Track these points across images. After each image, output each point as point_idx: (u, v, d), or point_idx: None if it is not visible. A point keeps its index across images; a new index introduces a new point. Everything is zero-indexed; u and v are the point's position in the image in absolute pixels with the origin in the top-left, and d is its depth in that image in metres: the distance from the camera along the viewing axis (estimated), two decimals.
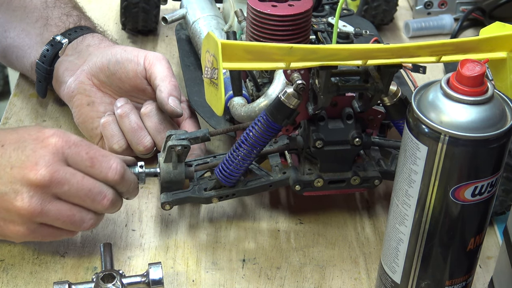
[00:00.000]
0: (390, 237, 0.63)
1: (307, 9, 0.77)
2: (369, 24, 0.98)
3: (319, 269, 0.73)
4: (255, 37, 0.78)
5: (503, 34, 0.65)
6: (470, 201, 0.58)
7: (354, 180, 0.73)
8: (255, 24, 0.78)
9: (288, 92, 0.67)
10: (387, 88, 0.68)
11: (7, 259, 0.72)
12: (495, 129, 0.55)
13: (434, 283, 0.63)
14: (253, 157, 0.71)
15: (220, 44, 0.60)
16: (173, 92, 0.79)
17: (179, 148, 0.72)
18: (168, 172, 0.73)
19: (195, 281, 0.71)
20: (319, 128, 0.71)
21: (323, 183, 0.73)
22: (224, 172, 0.71)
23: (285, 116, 0.68)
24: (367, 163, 0.74)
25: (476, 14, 1.09)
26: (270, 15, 0.76)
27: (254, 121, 0.69)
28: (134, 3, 1.00)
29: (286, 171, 0.74)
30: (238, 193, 0.74)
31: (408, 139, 0.58)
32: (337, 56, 0.64)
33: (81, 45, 0.85)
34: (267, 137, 0.69)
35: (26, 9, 0.90)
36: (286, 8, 0.77)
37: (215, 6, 0.94)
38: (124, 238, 0.75)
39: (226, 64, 0.62)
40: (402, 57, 0.65)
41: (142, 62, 0.81)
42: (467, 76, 0.55)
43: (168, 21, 0.93)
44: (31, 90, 0.94)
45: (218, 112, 0.64)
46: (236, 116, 0.78)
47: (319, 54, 0.64)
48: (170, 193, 0.73)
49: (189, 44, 0.94)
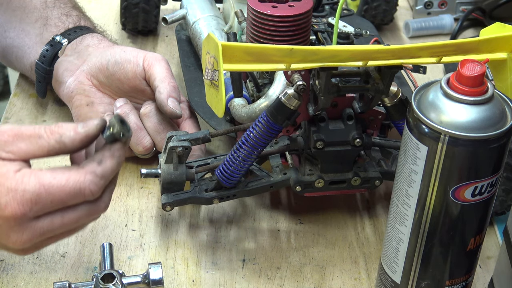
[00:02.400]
0: (390, 237, 0.63)
1: (307, 9, 0.77)
2: (369, 24, 0.98)
3: (319, 269, 0.73)
4: (256, 38, 0.78)
5: (503, 35, 0.65)
6: (470, 201, 0.58)
7: (355, 181, 0.73)
8: (255, 25, 0.78)
9: (289, 93, 0.67)
10: (388, 89, 0.68)
11: (7, 259, 0.72)
12: (495, 129, 0.55)
13: (434, 283, 0.63)
14: (254, 158, 0.71)
15: (220, 45, 0.60)
16: (172, 93, 0.79)
17: (180, 149, 0.72)
18: (169, 173, 0.73)
19: (195, 281, 0.71)
20: (319, 129, 0.71)
21: (324, 183, 0.73)
22: (225, 173, 0.71)
23: (285, 117, 0.68)
24: (368, 164, 0.74)
25: (476, 14, 1.09)
26: (270, 16, 0.76)
27: (254, 122, 0.69)
28: (134, 4, 1.00)
29: (287, 172, 0.74)
30: (239, 194, 0.73)
31: (408, 139, 0.58)
32: (338, 57, 0.64)
33: (81, 45, 0.85)
34: (268, 138, 0.69)
35: (25, 9, 0.90)
36: (286, 9, 0.77)
37: (215, 7, 0.94)
38: (124, 238, 0.75)
39: (227, 65, 0.62)
40: (402, 58, 0.65)
41: (141, 63, 0.81)
42: (467, 76, 0.55)
43: (168, 22, 0.93)
44: (31, 90, 0.94)
45: (219, 113, 0.64)
46: (236, 117, 0.78)
47: (319, 56, 0.64)
48: (171, 194, 0.73)
49: (189, 44, 0.94)
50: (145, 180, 0.82)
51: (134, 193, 0.80)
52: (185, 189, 0.73)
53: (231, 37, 0.79)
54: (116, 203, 0.79)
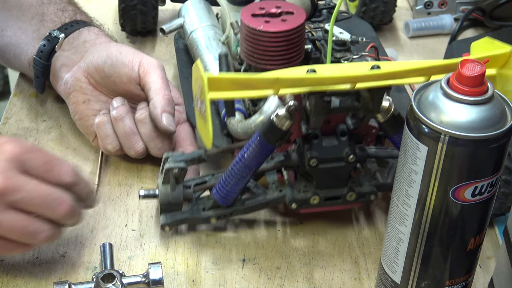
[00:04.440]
0: (390, 237, 0.63)
1: (300, 23, 0.77)
2: (367, 26, 0.98)
3: (319, 269, 0.73)
4: (249, 52, 0.78)
5: (493, 53, 0.65)
6: (470, 201, 0.58)
7: (350, 196, 0.74)
8: (248, 40, 0.77)
9: (280, 115, 0.67)
10: (378, 108, 0.69)
11: (7, 259, 0.72)
12: (495, 129, 0.55)
13: (434, 283, 0.63)
14: (249, 177, 0.72)
15: (206, 79, 0.60)
16: (167, 107, 0.78)
17: (176, 170, 0.73)
18: (167, 194, 0.74)
19: (195, 281, 0.71)
20: (313, 146, 0.71)
21: (319, 200, 0.73)
22: (221, 192, 0.72)
23: (277, 137, 0.68)
24: (363, 178, 0.75)
25: (476, 14, 1.09)
26: (263, 32, 0.76)
27: (248, 142, 0.70)
28: (131, 6, 0.99)
29: (283, 189, 0.74)
30: (235, 212, 0.74)
31: (408, 139, 0.58)
32: (325, 83, 0.65)
33: (78, 41, 0.85)
34: (262, 158, 0.70)
35: (21, 7, 0.90)
36: (279, 23, 0.76)
37: (213, 15, 0.94)
38: (124, 238, 0.75)
39: (214, 94, 0.62)
40: (390, 79, 0.66)
41: (136, 69, 0.80)
42: (467, 76, 0.55)
43: (166, 32, 0.93)
44: (31, 89, 0.94)
45: (208, 145, 0.64)
46: (233, 132, 0.79)
47: (306, 83, 0.64)
48: (169, 214, 0.74)
49: (187, 54, 0.93)
50: (145, 180, 0.82)
51: (134, 193, 0.80)
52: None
53: (222, 60, 0.78)
54: (116, 203, 0.79)
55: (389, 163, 0.77)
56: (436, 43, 1.07)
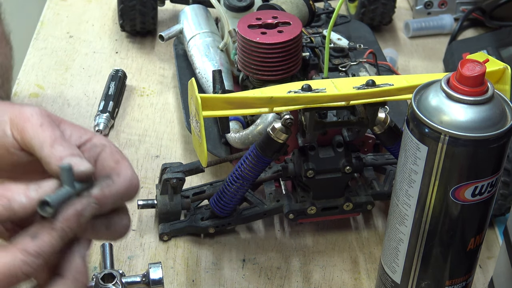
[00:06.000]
0: (390, 237, 0.63)
1: (296, 34, 0.77)
2: (366, 28, 0.98)
3: (319, 269, 0.73)
4: (246, 63, 0.78)
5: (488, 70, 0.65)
6: (470, 201, 0.58)
7: (347, 206, 0.74)
8: (244, 51, 0.77)
9: (276, 128, 0.67)
10: (373, 122, 0.69)
11: None
12: (495, 129, 0.55)
13: (434, 283, 0.63)
14: (246, 188, 0.72)
15: (199, 99, 0.60)
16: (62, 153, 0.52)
17: (174, 180, 0.73)
18: (165, 204, 0.74)
19: (195, 281, 0.71)
20: (309, 157, 0.71)
21: (316, 210, 0.73)
22: (219, 203, 0.73)
23: (274, 150, 0.69)
24: (360, 187, 0.75)
25: (476, 14, 1.09)
26: (259, 43, 0.76)
27: (245, 154, 0.70)
28: (130, 6, 0.99)
29: (280, 199, 0.74)
30: (233, 222, 0.75)
31: (408, 139, 0.58)
32: (318, 101, 0.65)
33: None
34: (259, 170, 0.71)
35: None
36: (276, 35, 0.77)
37: (212, 21, 0.94)
38: (124, 238, 0.75)
39: (208, 112, 0.62)
40: (383, 97, 0.66)
41: (8, 132, 0.54)
42: (467, 76, 0.55)
43: (165, 39, 0.93)
44: (31, 90, 0.94)
45: (203, 163, 0.64)
46: (231, 142, 0.79)
47: (300, 101, 0.65)
48: (167, 223, 0.75)
49: (187, 60, 0.92)
50: (145, 180, 0.82)
51: None
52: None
53: (216, 76, 0.78)
54: None
55: (386, 170, 0.77)
56: (436, 43, 1.07)
